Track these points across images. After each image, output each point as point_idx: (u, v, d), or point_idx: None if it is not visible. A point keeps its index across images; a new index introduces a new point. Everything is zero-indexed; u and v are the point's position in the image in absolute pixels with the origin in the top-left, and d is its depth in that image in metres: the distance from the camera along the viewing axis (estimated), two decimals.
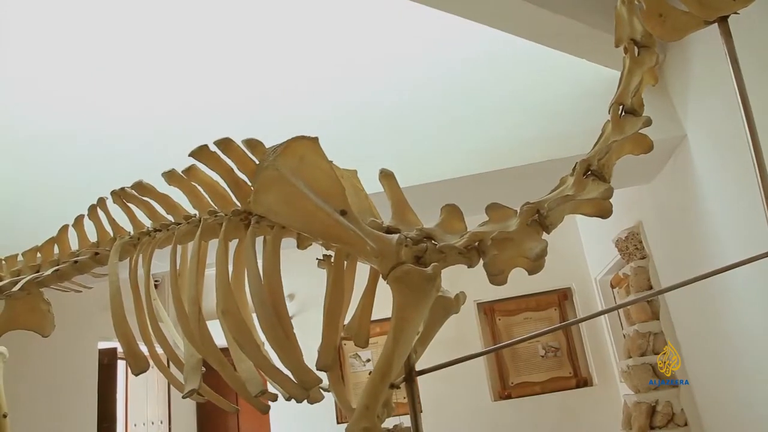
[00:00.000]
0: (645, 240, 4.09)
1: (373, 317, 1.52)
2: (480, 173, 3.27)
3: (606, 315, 5.73)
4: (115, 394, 5.55)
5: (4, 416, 2.19)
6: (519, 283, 1.62)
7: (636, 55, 1.51)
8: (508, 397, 5.78)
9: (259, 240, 1.65)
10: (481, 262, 1.47)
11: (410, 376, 1.50)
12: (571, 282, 6.01)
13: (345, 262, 1.53)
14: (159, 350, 1.76)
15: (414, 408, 1.48)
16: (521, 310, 5.99)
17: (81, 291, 2.21)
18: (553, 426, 5.62)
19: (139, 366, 1.56)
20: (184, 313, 1.58)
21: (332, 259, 1.66)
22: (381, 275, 1.41)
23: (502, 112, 3.36)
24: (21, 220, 3.88)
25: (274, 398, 1.56)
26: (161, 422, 6.29)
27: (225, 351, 1.62)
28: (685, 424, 3.71)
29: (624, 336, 5.51)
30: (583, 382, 5.80)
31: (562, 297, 6.09)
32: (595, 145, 1.59)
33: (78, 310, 4.63)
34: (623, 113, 1.57)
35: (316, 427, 5.93)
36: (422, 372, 1.52)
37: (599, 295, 5.78)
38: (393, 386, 1.40)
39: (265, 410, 1.51)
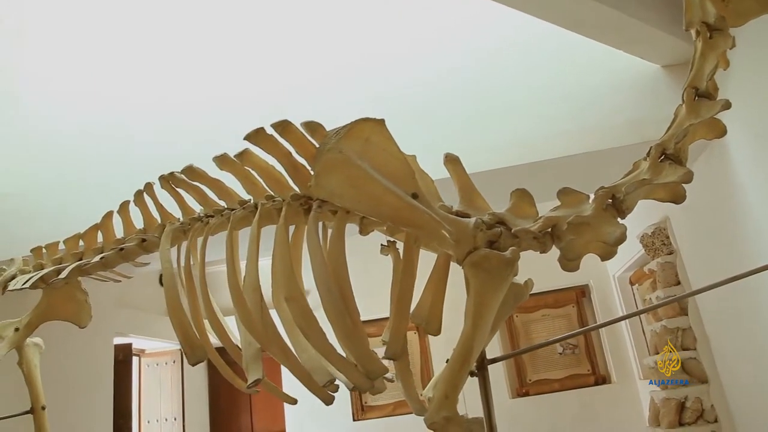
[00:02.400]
0: (672, 235, 4.04)
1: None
2: (511, 166, 3.22)
3: (624, 312, 5.68)
4: (131, 390, 5.50)
5: (43, 408, 2.14)
6: (536, 280, 1.57)
7: (709, 38, 1.46)
8: (526, 394, 5.74)
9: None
10: (554, 247, 1.45)
11: (482, 364, 1.45)
12: (588, 279, 5.96)
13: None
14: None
15: (487, 397, 1.43)
16: (539, 307, 5.94)
17: (120, 281, 2.15)
18: (571, 423, 5.58)
19: (196, 356, 1.51)
20: (241, 300, 1.52)
21: (396, 245, 1.61)
22: (456, 260, 1.36)
23: (534, 103, 3.30)
24: (41, 214, 3.82)
25: (336, 389, 1.51)
26: (175, 419, 6.23)
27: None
28: (715, 421, 3.66)
29: (644, 332, 5.47)
30: (602, 380, 5.76)
31: (580, 294, 6.05)
32: (668, 129, 1.54)
33: (94, 305, 4.57)
34: (697, 97, 1.51)
35: (331, 424, 5.87)
36: (494, 360, 1.47)
37: (617, 292, 5.74)
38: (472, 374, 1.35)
39: (330, 401, 1.46)
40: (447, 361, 1.58)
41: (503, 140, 3.23)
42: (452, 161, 1.59)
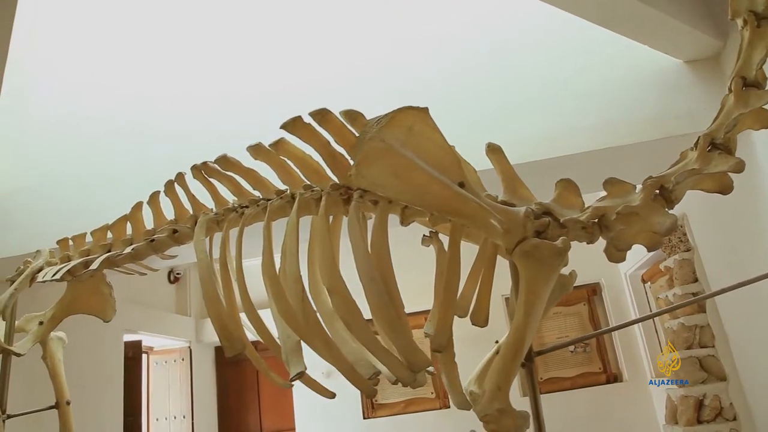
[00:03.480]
0: (690, 232, 4.01)
1: None
2: (532, 161, 3.19)
3: (636, 311, 5.66)
4: (140, 388, 5.47)
5: (68, 403, 2.11)
6: None
7: (756, 27, 1.43)
8: None
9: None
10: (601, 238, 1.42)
11: (529, 356, 1.42)
12: (599, 277, 5.94)
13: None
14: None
15: (534, 390, 1.40)
16: None
17: (146, 274, 2.12)
18: (582, 422, 5.55)
19: (234, 348, 1.48)
20: (280, 292, 1.49)
21: (438, 236, 1.58)
22: (505, 249, 1.33)
23: (554, 98, 3.27)
24: (55, 209, 3.79)
25: (377, 383, 1.48)
26: (184, 417, 6.20)
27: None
28: (734, 419, 3.63)
29: (656, 330, 5.45)
30: (613, 378, 5.73)
31: (591, 292, 6.02)
32: (715, 118, 1.51)
33: None
34: (745, 86, 1.49)
35: (342, 422, 5.85)
36: (541, 352, 1.44)
37: (629, 290, 5.71)
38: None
39: (374, 394, 1.43)
40: (496, 352, 1.56)
41: (524, 135, 3.20)
42: (494, 151, 1.56)
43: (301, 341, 1.49)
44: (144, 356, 6.13)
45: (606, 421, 5.54)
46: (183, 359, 6.43)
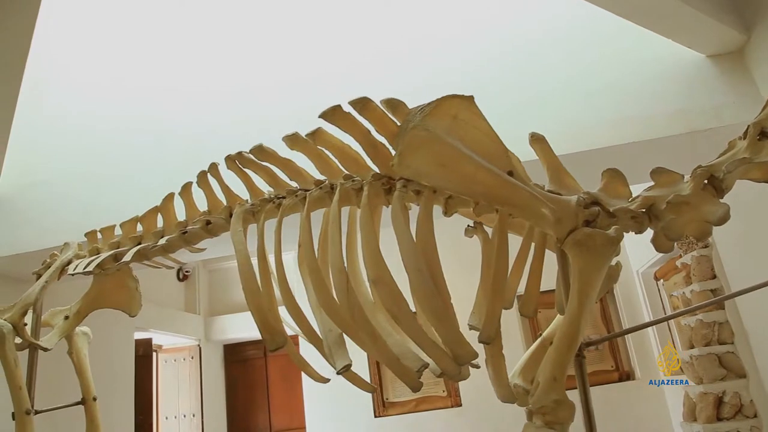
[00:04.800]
0: None
1: None
2: (557, 155, 3.16)
3: (649, 309, 5.64)
4: (151, 386, 5.43)
5: (94, 399, 2.08)
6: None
7: None
8: None
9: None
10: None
11: (579, 348, 1.40)
12: None
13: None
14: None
15: (583, 382, 1.37)
16: None
17: (173, 267, 2.10)
18: (595, 420, 5.51)
19: (275, 342, 1.45)
20: (321, 284, 1.46)
21: (483, 226, 1.56)
22: (556, 239, 1.31)
23: (576, 92, 3.24)
24: (69, 204, 3.76)
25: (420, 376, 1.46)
26: (193, 415, 6.17)
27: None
28: (755, 416, 3.61)
29: (669, 328, 5.42)
30: (626, 376, 5.71)
31: None
32: (764, 107, 1.49)
33: None
34: None
35: (352, 422, 5.82)
36: (590, 344, 1.41)
37: (641, 288, 5.68)
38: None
39: (419, 387, 1.40)
40: (540, 345, 1.53)
41: (545, 130, 3.14)
42: (538, 140, 1.54)
43: (343, 334, 1.47)
44: (153, 354, 6.10)
45: (619, 420, 5.52)
46: (192, 357, 6.40)
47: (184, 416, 6.16)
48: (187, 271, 6.53)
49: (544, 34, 3.29)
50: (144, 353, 5.39)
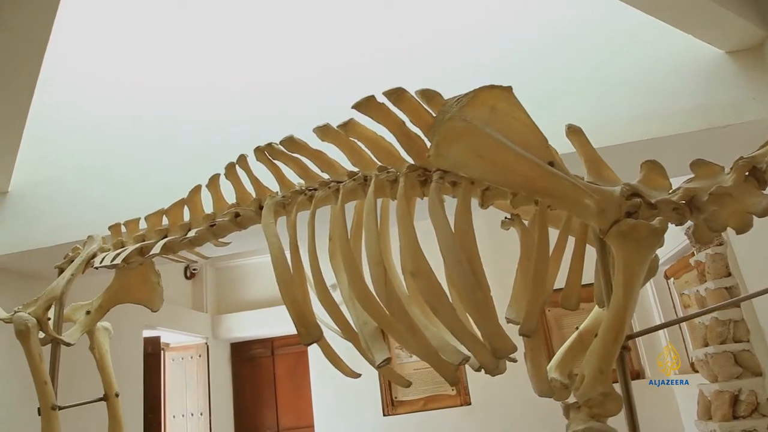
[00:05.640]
0: None
1: None
2: (572, 152, 3.14)
3: (659, 307, 5.63)
4: (160, 384, 5.41)
5: (116, 395, 2.06)
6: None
7: None
8: None
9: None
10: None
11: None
12: None
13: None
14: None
15: (625, 376, 1.35)
16: None
17: (197, 261, 2.08)
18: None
19: (311, 335, 1.43)
20: (357, 276, 1.44)
21: (520, 218, 1.54)
22: (599, 230, 1.29)
23: (594, 88, 3.23)
24: (79, 201, 3.75)
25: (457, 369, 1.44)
26: (201, 414, 6.15)
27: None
28: None
29: (680, 327, 5.40)
30: (635, 375, 5.69)
31: None
32: None
33: None
34: None
35: (361, 420, 5.80)
36: (632, 336, 1.39)
37: (651, 286, 5.67)
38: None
39: (457, 381, 1.39)
40: (577, 338, 1.51)
41: (563, 126, 3.15)
42: (575, 132, 1.53)
43: (379, 327, 1.45)
44: (161, 353, 6.08)
45: None
46: (200, 356, 6.38)
47: (192, 415, 6.14)
48: (194, 269, 6.51)
49: (560, 31, 3.28)
50: (153, 351, 5.37)
